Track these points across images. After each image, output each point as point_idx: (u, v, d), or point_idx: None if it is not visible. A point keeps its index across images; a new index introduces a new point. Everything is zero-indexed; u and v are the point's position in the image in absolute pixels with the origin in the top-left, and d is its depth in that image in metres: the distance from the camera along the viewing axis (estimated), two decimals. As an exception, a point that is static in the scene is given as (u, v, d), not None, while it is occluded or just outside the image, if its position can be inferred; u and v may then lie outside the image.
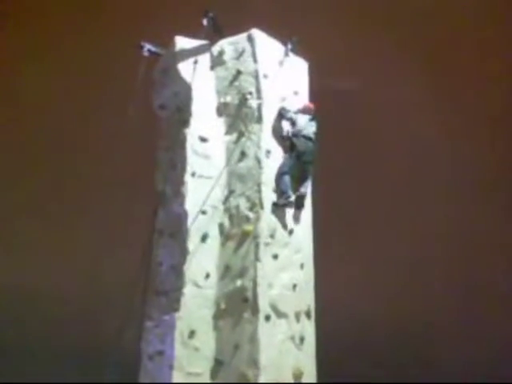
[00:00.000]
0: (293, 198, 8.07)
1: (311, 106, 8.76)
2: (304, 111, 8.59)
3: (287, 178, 8.07)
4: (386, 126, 14.16)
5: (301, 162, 8.24)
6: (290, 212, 8.16)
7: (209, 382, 7.34)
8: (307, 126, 8.41)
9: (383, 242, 13.55)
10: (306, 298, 8.10)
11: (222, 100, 8.59)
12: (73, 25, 13.84)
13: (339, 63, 13.42)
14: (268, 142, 8.22)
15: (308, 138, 8.32)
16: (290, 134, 8.34)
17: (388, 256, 13.40)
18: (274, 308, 7.54)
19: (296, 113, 8.48)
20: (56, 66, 13.85)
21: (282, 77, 8.71)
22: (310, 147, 8.32)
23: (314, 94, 9.19)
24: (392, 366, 12.22)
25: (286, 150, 8.36)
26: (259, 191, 7.90)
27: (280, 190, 8.01)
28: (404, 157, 14.30)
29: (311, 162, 8.40)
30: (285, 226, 8.05)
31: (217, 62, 8.83)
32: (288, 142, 8.33)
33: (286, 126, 8.46)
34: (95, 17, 13.72)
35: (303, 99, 8.97)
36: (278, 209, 7.99)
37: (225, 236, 7.91)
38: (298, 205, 8.19)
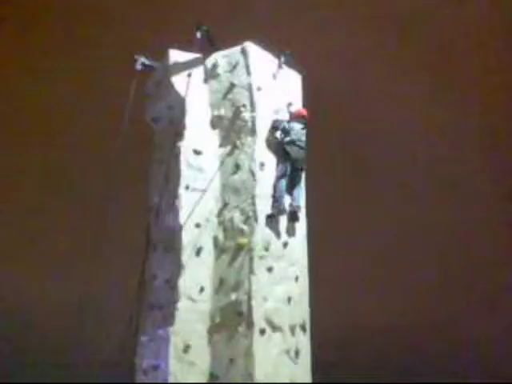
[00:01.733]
0: (286, 205, 8.06)
1: (303, 111, 8.78)
2: (296, 116, 8.62)
3: (283, 184, 8.10)
4: (384, 135, 14.18)
5: (291, 168, 8.27)
6: (284, 224, 8.15)
7: (204, 396, 7.30)
8: (300, 134, 8.44)
9: (380, 254, 13.53)
10: (301, 311, 8.06)
11: (216, 113, 8.60)
12: (66, 37, 13.86)
13: (333, 74, 13.49)
14: (262, 154, 8.22)
15: (300, 147, 8.37)
16: (283, 142, 8.33)
17: (385, 267, 13.38)
18: (269, 321, 7.50)
19: (289, 121, 8.50)
20: (50, 77, 13.85)
21: (275, 89, 8.73)
22: (302, 154, 8.39)
23: (308, 105, 9.21)
24: (387, 377, 12.19)
25: (278, 158, 8.36)
26: (253, 204, 7.88)
27: (273, 198, 8.02)
28: (402, 165, 14.30)
29: (302, 169, 8.48)
30: (279, 238, 8.02)
31: (210, 74, 8.85)
32: (281, 151, 8.33)
33: (279, 136, 8.46)
34: (88, 30, 13.74)
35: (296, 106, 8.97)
36: (271, 220, 7.97)
37: (219, 249, 7.89)
38: (293, 218, 8.19)
